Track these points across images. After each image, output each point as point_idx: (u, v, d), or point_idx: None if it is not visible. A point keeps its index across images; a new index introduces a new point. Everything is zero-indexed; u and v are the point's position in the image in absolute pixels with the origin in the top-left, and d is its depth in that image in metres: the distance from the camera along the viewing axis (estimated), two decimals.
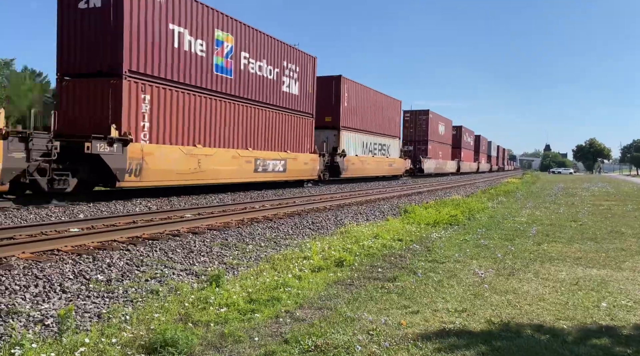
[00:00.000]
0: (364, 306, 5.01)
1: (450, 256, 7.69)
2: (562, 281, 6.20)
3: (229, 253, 7.49)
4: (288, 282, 5.77)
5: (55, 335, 4.01)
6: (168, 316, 4.54)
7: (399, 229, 10.32)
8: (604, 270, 6.89)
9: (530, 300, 5.26)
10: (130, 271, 6.05)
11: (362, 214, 13.22)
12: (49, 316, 4.43)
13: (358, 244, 8.27)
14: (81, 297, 5.03)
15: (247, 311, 4.78)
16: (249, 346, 3.97)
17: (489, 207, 16.28)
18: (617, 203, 19.68)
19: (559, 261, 7.47)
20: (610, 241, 9.49)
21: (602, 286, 5.94)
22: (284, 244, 8.43)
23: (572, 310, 4.93)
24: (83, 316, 4.52)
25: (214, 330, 4.29)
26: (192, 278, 6.05)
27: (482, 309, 4.92)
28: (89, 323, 4.36)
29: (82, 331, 4.11)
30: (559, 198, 22.12)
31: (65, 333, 3.92)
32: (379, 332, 4.22)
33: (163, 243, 7.69)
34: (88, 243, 7.19)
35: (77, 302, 4.86)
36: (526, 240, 9.44)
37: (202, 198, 15.85)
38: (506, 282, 6.07)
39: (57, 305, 4.77)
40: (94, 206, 12.01)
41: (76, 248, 6.88)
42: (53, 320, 4.34)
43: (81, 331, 4.08)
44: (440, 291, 5.59)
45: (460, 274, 6.47)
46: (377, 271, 6.65)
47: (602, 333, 4.20)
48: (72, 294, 5.09)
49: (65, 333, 3.91)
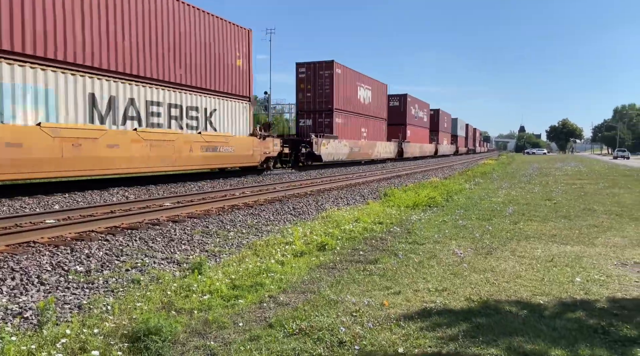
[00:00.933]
0: (347, 288, 5.07)
1: (429, 237, 7.81)
2: (538, 258, 6.37)
3: (210, 240, 7.46)
4: (271, 267, 5.79)
5: (35, 327, 3.95)
6: (150, 305, 4.51)
7: (380, 212, 10.41)
8: (578, 246, 7.10)
9: (507, 278, 5.40)
10: (110, 262, 5.97)
11: (343, 198, 13.28)
12: (28, 308, 4.36)
13: (339, 229, 8.33)
14: (60, 289, 4.95)
15: (231, 298, 4.78)
16: (234, 332, 3.98)
17: (466, 188, 16.55)
18: (589, 181, 20.23)
19: (534, 239, 7.66)
20: (583, 219, 9.78)
21: (576, 261, 6.13)
22: (265, 231, 8.43)
23: (548, 285, 5.08)
24: (63, 307, 4.45)
25: (198, 317, 4.29)
26: (173, 266, 6.01)
27: (461, 288, 5.03)
28: (69, 314, 4.30)
29: (63, 322, 4.05)
30: (533, 178, 22.60)
31: (45, 325, 3.86)
32: (362, 313, 4.28)
33: (143, 232, 7.60)
34: (65, 234, 7.06)
35: (57, 294, 4.79)
36: (503, 220, 9.64)
37: (181, 186, 15.68)
38: (484, 261, 6.21)
39: (35, 297, 4.68)
40: (69, 197, 11.77)
41: (53, 240, 6.75)
42: (32, 312, 4.27)
43: (62, 323, 4.03)
44: (421, 272, 5.69)
45: (440, 254, 6.58)
46: (358, 254, 6.72)
47: (576, 307, 4.35)
48: (51, 286, 5.01)
49: (45, 325, 3.85)
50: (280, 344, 3.68)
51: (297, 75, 29.28)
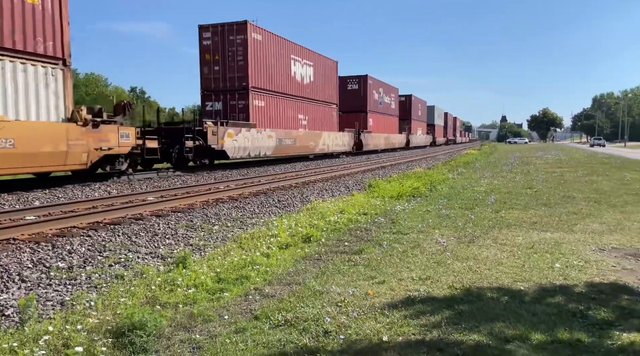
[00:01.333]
0: (332, 279, 5.10)
1: (413, 227, 7.89)
2: (519, 245, 6.49)
3: (195, 234, 7.42)
4: (256, 260, 5.79)
5: (17, 324, 3.90)
6: (135, 300, 4.49)
7: (364, 203, 10.47)
8: (557, 233, 7.25)
9: (489, 265, 5.49)
10: (92, 257, 5.91)
11: (328, 190, 13.32)
12: (9, 306, 4.30)
13: (324, 220, 8.36)
14: (42, 285, 4.89)
15: (216, 291, 4.78)
16: (219, 325, 3.99)
17: (449, 178, 16.72)
18: (569, 169, 20.61)
19: (515, 227, 7.80)
20: (563, 206, 9.97)
21: (555, 248, 6.27)
22: (250, 224, 8.42)
23: (529, 271, 5.19)
24: (45, 304, 4.40)
25: (183, 311, 4.28)
26: (158, 261, 5.97)
27: (444, 276, 5.11)
28: (52, 311, 4.26)
29: (46, 319, 4.01)
30: (515, 167, 22.93)
31: (27, 322, 3.82)
32: (347, 303, 4.32)
33: (126, 227, 7.53)
34: (46, 230, 6.95)
35: (38, 291, 4.73)
36: (485, 208, 9.78)
37: (164, 180, 15.53)
38: (467, 249, 6.31)
39: (16, 294, 4.62)
40: (50, 193, 11.57)
41: (34, 236, 6.64)
42: (13, 309, 4.21)
43: (44, 320, 3.98)
44: (405, 261, 5.75)
45: (424, 243, 6.66)
46: (343, 245, 6.76)
47: (556, 292, 4.46)
48: (32, 283, 4.94)
49: (27, 322, 3.81)
50: (266, 335, 3.70)
51: (200, 42, 21.75)
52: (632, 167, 21.26)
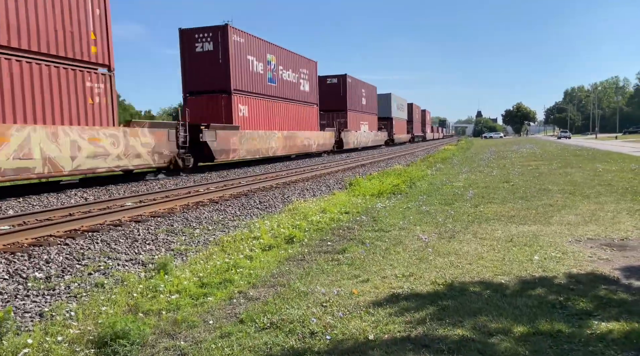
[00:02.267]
0: (317, 279, 5.11)
1: (395, 224, 7.95)
2: (498, 239, 6.60)
3: (175, 239, 7.34)
4: (239, 263, 5.76)
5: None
6: (116, 308, 4.41)
7: (346, 202, 10.51)
8: (535, 226, 7.40)
9: (470, 259, 5.58)
10: (71, 266, 5.79)
11: (309, 190, 13.31)
12: None
13: (307, 220, 8.36)
14: (19, 297, 4.77)
15: (200, 296, 4.74)
16: (204, 330, 3.95)
17: (428, 174, 16.90)
18: (544, 162, 21.06)
19: (494, 221, 7.93)
20: (539, 198, 10.19)
21: (533, 240, 6.40)
22: (232, 226, 8.36)
23: (509, 265, 5.28)
24: (23, 316, 4.30)
25: (166, 317, 4.23)
26: (138, 267, 5.88)
27: (427, 272, 5.16)
28: (30, 323, 4.16)
29: (24, 332, 3.91)
30: (491, 161, 23.32)
31: (5, 335, 3.72)
32: (332, 303, 4.33)
33: (104, 234, 7.40)
34: (21, 240, 6.78)
35: (16, 303, 4.61)
36: (464, 203, 9.92)
37: (142, 184, 15.31)
38: (448, 244, 6.39)
39: None
40: (24, 201, 11.28)
41: (8, 247, 6.47)
42: None
43: (23, 332, 3.88)
44: (388, 259, 5.79)
45: (405, 240, 6.72)
46: (326, 244, 6.77)
47: (536, 284, 4.55)
48: (9, 295, 4.82)
49: (5, 336, 3.71)
50: (252, 339, 3.69)
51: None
52: (603, 159, 21.85)
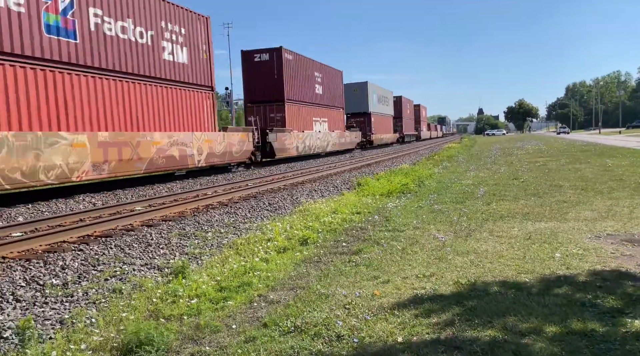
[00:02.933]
0: (336, 281, 5.05)
1: (408, 223, 7.89)
2: (516, 237, 6.53)
3: (189, 242, 7.29)
4: (256, 266, 5.71)
5: (17, 347, 3.75)
6: (137, 314, 4.36)
7: (356, 202, 10.45)
8: (551, 222, 7.33)
9: (490, 258, 5.51)
10: (87, 272, 5.74)
11: (317, 190, 13.26)
12: (6, 328, 4.14)
13: (319, 221, 8.30)
14: (38, 304, 4.73)
15: (219, 300, 4.69)
16: (228, 335, 3.90)
17: (435, 173, 16.83)
18: (551, 158, 20.96)
19: (509, 218, 7.86)
20: (552, 195, 10.11)
21: (552, 237, 6.32)
22: (244, 229, 8.31)
23: (530, 263, 5.21)
24: (44, 324, 4.25)
25: (188, 322, 4.18)
26: (154, 272, 5.84)
27: (448, 271, 5.10)
28: (51, 330, 4.11)
29: (47, 340, 3.87)
30: (497, 158, 23.22)
31: (28, 344, 3.68)
32: (355, 305, 4.28)
33: (117, 239, 7.36)
34: (35, 246, 6.74)
35: (35, 310, 4.57)
36: (476, 201, 9.85)
37: (149, 188, 15.27)
38: (465, 243, 6.32)
39: (12, 315, 4.45)
40: (33, 207, 11.26)
41: (23, 253, 6.43)
42: (12, 331, 4.05)
43: (45, 340, 3.84)
44: (406, 259, 5.73)
45: (421, 240, 6.66)
46: (341, 245, 6.72)
47: (561, 282, 4.48)
48: (28, 302, 4.77)
49: (28, 345, 3.66)
50: (277, 343, 3.63)
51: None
52: (611, 154, 21.72)
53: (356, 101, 43.95)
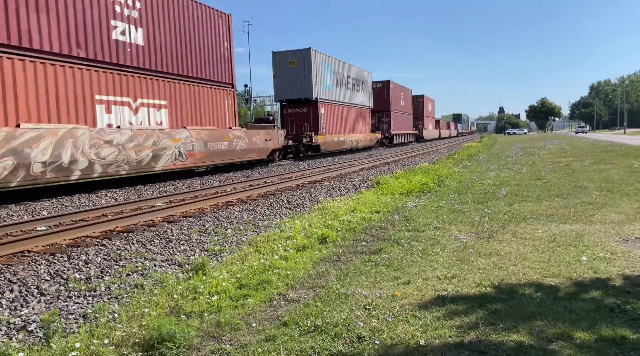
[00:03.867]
0: (355, 281, 5.01)
1: (428, 223, 7.79)
2: (540, 239, 6.39)
3: (209, 239, 7.33)
4: (275, 264, 5.70)
5: (42, 341, 3.80)
6: (158, 310, 4.39)
7: (375, 201, 10.38)
8: (577, 225, 7.16)
9: (514, 260, 5.40)
10: (109, 267, 5.81)
11: (336, 189, 13.22)
12: (31, 321, 4.20)
13: (338, 220, 8.27)
14: (62, 298, 4.80)
15: (239, 298, 4.69)
16: (248, 333, 3.90)
17: (455, 172, 16.63)
18: (575, 158, 20.51)
19: (532, 220, 7.70)
20: (576, 196, 9.88)
21: (578, 240, 6.17)
22: (263, 226, 8.33)
23: (556, 266, 5.09)
24: (68, 318, 4.31)
25: (209, 319, 4.19)
26: (175, 268, 5.88)
27: (470, 273, 5.01)
28: (75, 324, 4.16)
29: (70, 334, 3.91)
30: (519, 158, 22.84)
31: (52, 338, 3.73)
32: (375, 306, 4.23)
33: (139, 234, 7.44)
34: (59, 241, 6.86)
35: (59, 304, 4.63)
36: (498, 202, 9.69)
37: (170, 184, 15.43)
38: (488, 244, 6.21)
39: (37, 309, 4.53)
40: (57, 202, 11.47)
41: (48, 247, 6.55)
42: (36, 325, 4.12)
43: (69, 334, 3.89)
44: (427, 259, 5.66)
45: (442, 240, 6.57)
46: (361, 244, 6.67)
47: (588, 287, 4.36)
48: (52, 296, 4.85)
49: (52, 338, 3.72)
50: (298, 343, 3.61)
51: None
52: (637, 155, 21.16)
53: (294, 78, 29.24)
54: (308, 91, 29.51)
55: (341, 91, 34.20)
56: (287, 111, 30.47)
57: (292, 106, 30.33)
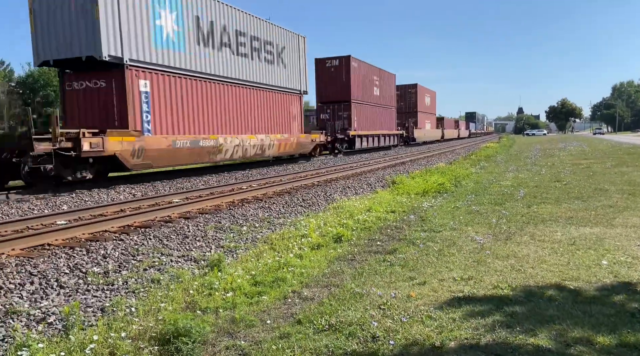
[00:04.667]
0: (370, 280, 4.99)
1: (445, 224, 7.72)
2: (559, 241, 6.29)
3: (224, 236, 7.38)
4: (290, 262, 5.71)
5: (61, 332, 3.87)
6: (175, 305, 4.43)
7: (390, 200, 10.33)
8: (597, 228, 7.02)
9: (532, 263, 5.32)
10: (127, 261, 5.89)
11: (351, 188, 13.19)
12: (51, 313, 4.29)
13: (353, 219, 8.24)
14: (80, 291, 4.88)
15: (254, 294, 4.71)
16: (262, 330, 3.91)
17: (473, 173, 16.45)
18: (595, 161, 20.13)
19: (551, 222, 7.58)
20: (597, 199, 9.69)
21: (598, 244, 6.05)
22: (278, 224, 8.35)
23: (575, 270, 5.00)
24: (86, 311, 4.38)
25: (224, 316, 4.22)
26: (191, 264, 5.93)
27: (487, 275, 4.95)
28: (93, 317, 4.23)
29: (88, 326, 3.98)
30: (538, 159, 22.49)
31: (71, 330, 3.79)
32: (390, 306, 4.21)
33: (156, 230, 7.52)
34: (79, 235, 6.97)
35: (77, 297, 4.71)
36: (516, 203, 9.56)
37: (186, 181, 15.58)
38: (505, 246, 6.13)
39: (56, 301, 4.61)
40: (76, 197, 11.67)
41: (67, 241, 6.67)
42: (56, 317, 4.20)
43: (87, 327, 3.95)
44: (443, 260, 5.61)
45: (459, 241, 6.50)
46: (376, 244, 6.64)
47: (609, 291, 4.27)
48: (71, 289, 4.93)
49: (71, 330, 3.78)
50: (312, 341, 3.61)
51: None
52: None
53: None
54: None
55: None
56: None
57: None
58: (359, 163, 21.71)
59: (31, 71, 46.66)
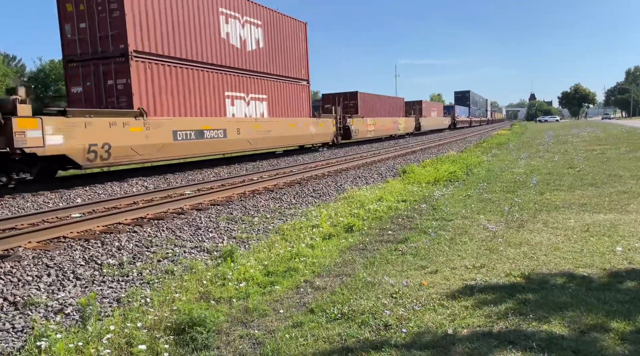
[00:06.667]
0: (382, 269, 5.00)
1: (456, 212, 7.69)
2: (572, 228, 6.23)
3: (236, 227, 7.43)
4: (302, 252, 5.74)
5: (78, 323, 3.95)
6: (189, 295, 4.49)
7: (401, 190, 10.30)
8: (611, 214, 6.94)
9: (545, 250, 5.29)
10: (141, 253, 5.97)
11: (361, 177, 13.18)
12: (68, 304, 4.37)
13: (364, 209, 8.25)
14: (96, 283, 4.96)
15: (267, 284, 4.75)
16: (276, 319, 3.95)
17: (484, 160, 16.32)
18: (609, 146, 19.84)
19: (564, 209, 7.51)
20: (611, 185, 9.57)
21: (612, 230, 5.99)
22: (289, 214, 8.38)
23: (589, 256, 4.96)
24: (102, 302, 4.46)
25: (237, 305, 4.26)
26: (204, 255, 5.99)
27: (500, 263, 4.94)
28: (109, 308, 4.31)
29: (105, 317, 4.05)
30: (551, 146, 22.23)
31: (88, 320, 3.86)
32: (402, 294, 4.22)
33: (169, 222, 7.60)
34: (93, 227, 7.07)
35: (93, 288, 4.80)
36: (528, 191, 9.47)
37: (197, 173, 15.68)
38: (517, 234, 6.10)
39: (73, 292, 4.70)
40: (90, 190, 11.82)
41: (82, 234, 6.77)
42: (73, 308, 4.28)
43: (104, 318, 4.02)
44: (454, 249, 5.60)
45: (471, 230, 6.48)
46: (387, 233, 6.64)
47: (624, 278, 4.24)
48: (87, 280, 5.02)
49: (88, 321, 3.85)
50: (325, 330, 3.64)
51: None
52: None
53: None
54: None
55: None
56: None
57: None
58: (369, 153, 21.65)
59: (42, 65, 47.56)
